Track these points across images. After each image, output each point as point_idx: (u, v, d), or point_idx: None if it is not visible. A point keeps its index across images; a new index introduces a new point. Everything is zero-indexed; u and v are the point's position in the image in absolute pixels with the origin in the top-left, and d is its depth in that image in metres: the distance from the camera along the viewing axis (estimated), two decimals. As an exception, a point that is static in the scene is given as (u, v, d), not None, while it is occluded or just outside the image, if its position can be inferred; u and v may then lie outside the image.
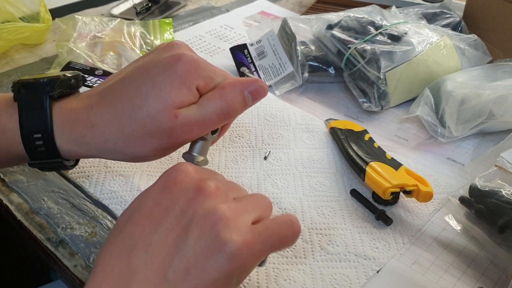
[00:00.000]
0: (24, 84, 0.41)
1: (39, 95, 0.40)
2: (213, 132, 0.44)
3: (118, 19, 0.85)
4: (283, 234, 0.36)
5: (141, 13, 0.98)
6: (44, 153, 0.41)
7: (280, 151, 0.60)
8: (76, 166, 0.57)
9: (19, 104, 0.40)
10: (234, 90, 0.41)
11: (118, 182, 0.55)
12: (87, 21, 0.82)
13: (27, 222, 0.51)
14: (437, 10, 0.81)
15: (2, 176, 0.56)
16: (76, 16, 0.81)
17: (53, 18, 0.87)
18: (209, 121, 0.41)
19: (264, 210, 0.37)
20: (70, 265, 0.47)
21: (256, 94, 0.42)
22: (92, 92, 0.42)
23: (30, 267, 0.96)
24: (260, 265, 0.37)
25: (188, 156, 0.43)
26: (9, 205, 0.53)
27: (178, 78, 0.39)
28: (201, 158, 0.43)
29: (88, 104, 0.41)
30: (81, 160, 0.57)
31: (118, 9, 0.98)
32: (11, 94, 0.41)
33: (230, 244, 0.32)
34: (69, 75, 0.43)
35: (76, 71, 0.45)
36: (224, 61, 0.79)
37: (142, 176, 0.56)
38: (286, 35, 0.76)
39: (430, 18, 0.80)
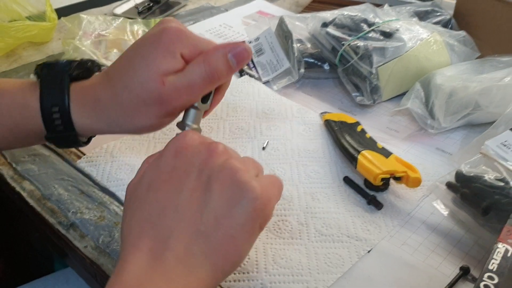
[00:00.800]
0: (47, 65, 0.45)
1: (59, 74, 0.45)
2: (204, 101, 0.45)
3: (121, 18, 0.88)
4: (278, 185, 0.41)
5: (143, 12, 1.01)
6: (60, 126, 0.44)
7: (277, 142, 0.63)
8: (84, 156, 0.60)
9: (41, 81, 0.44)
10: (217, 53, 0.43)
11: (124, 171, 0.58)
12: (92, 20, 0.85)
13: (39, 207, 0.54)
14: (429, 8, 0.84)
15: (14, 165, 0.59)
16: (81, 15, 0.84)
17: (58, 17, 0.90)
18: (194, 85, 0.42)
19: (258, 168, 0.41)
20: (80, 246, 0.50)
21: (239, 56, 0.43)
22: (100, 72, 0.47)
23: (33, 259, 0.99)
24: None
25: (181, 124, 0.44)
26: (21, 192, 0.56)
27: (163, 47, 0.42)
28: (194, 126, 0.44)
29: (95, 82, 0.45)
30: (88, 149, 0.60)
31: (120, 9, 1.02)
32: (35, 78, 0.45)
33: (251, 189, 0.36)
34: (86, 59, 0.47)
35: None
36: (224, 58, 0.82)
37: (147, 165, 0.59)
38: (283, 33, 0.79)
39: (422, 16, 0.83)
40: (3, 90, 0.45)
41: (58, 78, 0.44)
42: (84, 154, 0.61)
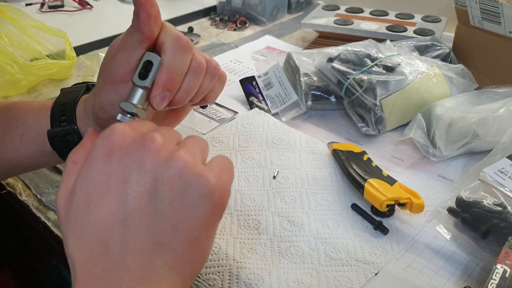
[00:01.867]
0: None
1: (78, 87, 0.52)
2: (141, 77, 0.42)
3: (137, 55, 0.93)
4: (229, 165, 0.37)
5: (157, 49, 1.06)
6: (64, 121, 0.49)
7: (287, 171, 0.67)
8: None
9: (62, 91, 0.52)
10: None
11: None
12: (109, 57, 0.90)
13: (64, 235, 0.58)
14: (428, 43, 0.89)
15: (39, 197, 0.63)
16: (99, 53, 0.89)
17: (77, 55, 0.95)
18: (122, 39, 0.42)
19: (205, 150, 0.37)
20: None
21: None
22: None
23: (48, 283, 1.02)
24: None
25: (123, 104, 0.42)
26: (46, 221, 0.60)
27: None
28: (134, 103, 0.42)
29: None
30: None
31: (135, 46, 1.07)
32: None
33: (205, 182, 0.32)
34: None
35: None
36: (235, 92, 0.86)
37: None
38: (291, 68, 0.84)
39: (422, 50, 0.87)
40: (26, 103, 0.52)
41: (77, 88, 0.52)
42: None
